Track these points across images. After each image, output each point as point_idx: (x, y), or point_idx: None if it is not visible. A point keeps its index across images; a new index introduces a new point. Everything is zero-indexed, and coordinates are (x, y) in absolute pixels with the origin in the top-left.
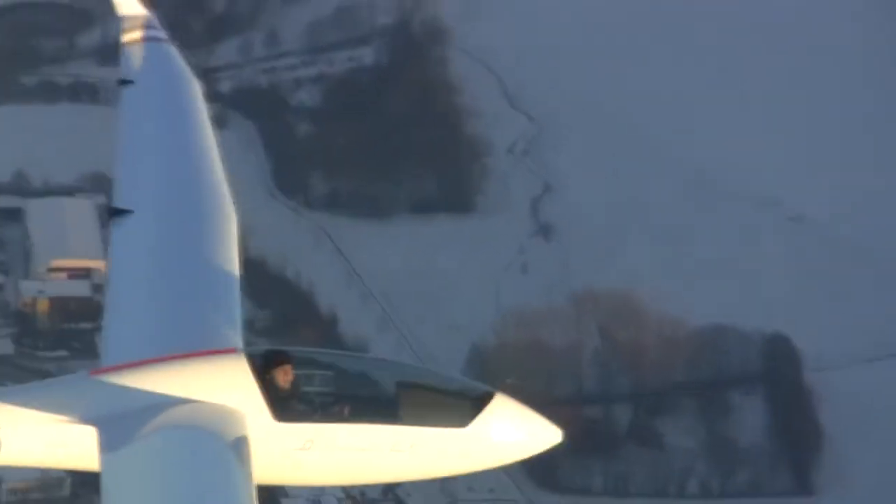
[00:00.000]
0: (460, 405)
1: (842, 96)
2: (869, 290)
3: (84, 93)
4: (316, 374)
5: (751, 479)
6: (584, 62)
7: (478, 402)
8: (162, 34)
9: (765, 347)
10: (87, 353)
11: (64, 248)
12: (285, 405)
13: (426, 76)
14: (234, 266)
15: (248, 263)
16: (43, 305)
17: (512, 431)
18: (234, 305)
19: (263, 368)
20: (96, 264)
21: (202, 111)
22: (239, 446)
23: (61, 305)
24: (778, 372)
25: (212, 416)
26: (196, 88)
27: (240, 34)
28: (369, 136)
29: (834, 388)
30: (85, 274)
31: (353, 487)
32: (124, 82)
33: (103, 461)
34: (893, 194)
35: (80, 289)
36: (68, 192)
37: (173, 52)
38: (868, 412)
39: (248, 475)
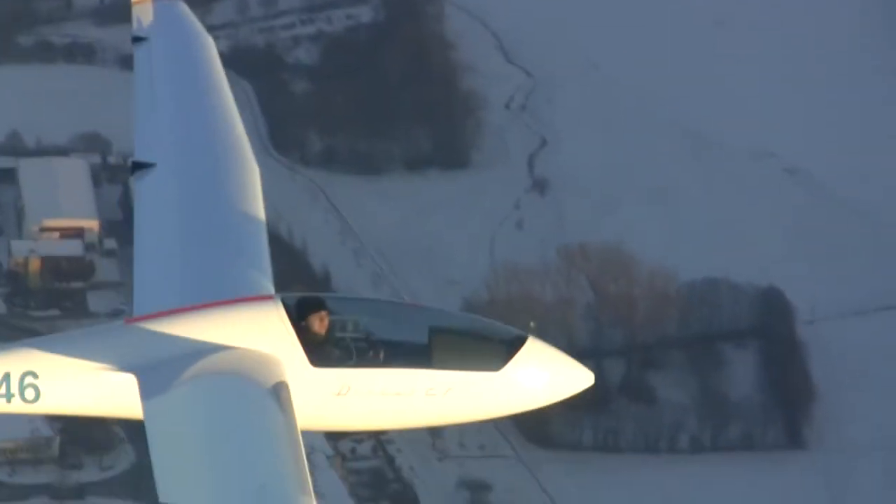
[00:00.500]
0: (493, 349)
1: (839, 49)
2: (862, 243)
3: (80, 54)
4: (350, 320)
5: (742, 433)
6: (580, 18)
7: (511, 346)
8: None
9: (757, 301)
10: (78, 313)
11: (56, 207)
12: (321, 351)
13: (422, 33)
14: (260, 215)
15: None
16: (35, 265)
17: (544, 374)
18: (263, 253)
19: (299, 315)
20: (89, 224)
21: (217, 66)
22: (279, 391)
23: (53, 265)
24: (770, 325)
25: (250, 362)
26: (210, 44)
27: None
28: (366, 94)
29: (826, 341)
30: (77, 233)
31: (354, 434)
32: (137, 39)
33: (146, 408)
34: (887, 146)
35: (73, 248)
36: (62, 152)
37: (184, 9)
38: (860, 365)
39: (292, 419)
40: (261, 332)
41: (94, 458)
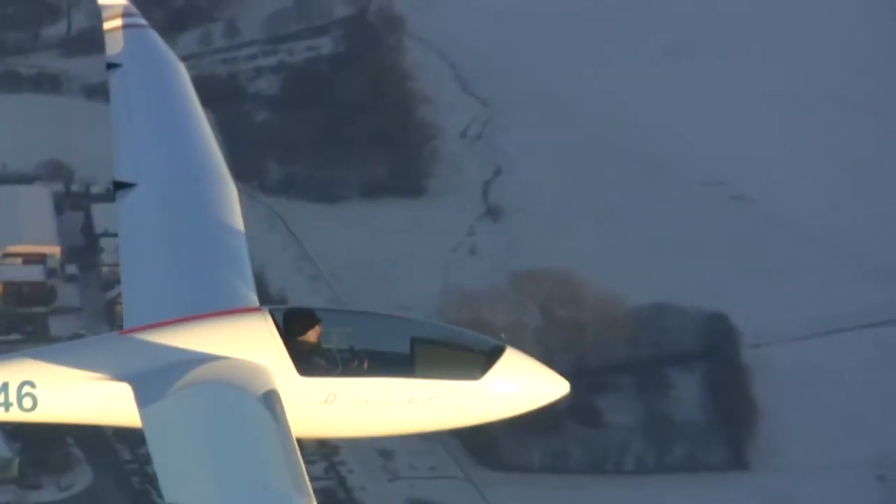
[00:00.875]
0: (474, 359)
1: (788, 78)
2: (807, 268)
3: (47, 83)
4: (335, 330)
5: (687, 455)
6: (536, 49)
7: (490, 356)
8: (142, 20)
9: (703, 325)
10: (40, 337)
11: (19, 234)
12: (308, 360)
13: (381, 64)
14: (240, 228)
15: None
16: None
17: (522, 383)
18: (245, 266)
19: (286, 326)
20: (51, 250)
21: (190, 89)
22: (272, 399)
23: (15, 290)
24: (716, 349)
25: (242, 371)
26: (182, 69)
27: (201, 25)
28: (325, 123)
29: (771, 364)
30: (40, 259)
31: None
32: (112, 66)
33: (143, 414)
34: (833, 173)
35: (35, 273)
36: (27, 179)
37: (154, 35)
38: (803, 387)
39: (286, 424)
40: (250, 343)
41: (52, 478)
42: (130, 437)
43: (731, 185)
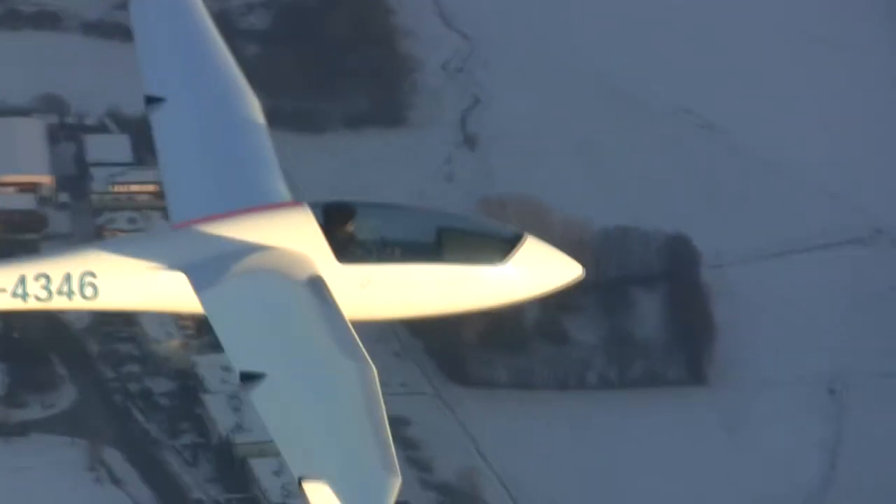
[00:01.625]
0: (497, 245)
1: (758, 15)
2: (766, 194)
3: (47, 20)
4: (370, 221)
5: (648, 371)
6: None
7: (511, 242)
8: None
9: (666, 247)
10: None
11: (14, 164)
12: (345, 249)
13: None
14: (266, 135)
15: None
16: None
17: (541, 267)
18: (275, 165)
19: (325, 218)
20: (44, 179)
21: (206, 14)
22: (318, 282)
23: (7, 217)
24: (677, 270)
25: (289, 259)
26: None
27: None
28: (311, 58)
29: (730, 284)
30: (32, 188)
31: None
32: None
33: (202, 297)
34: (797, 105)
35: (27, 202)
36: (24, 112)
37: None
38: (760, 307)
39: (334, 302)
40: (294, 234)
41: (37, 397)
42: (113, 357)
43: (699, 115)
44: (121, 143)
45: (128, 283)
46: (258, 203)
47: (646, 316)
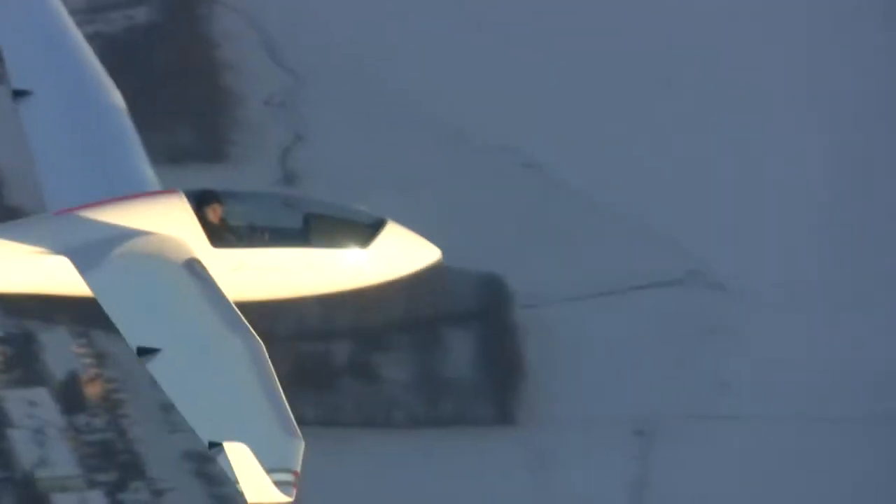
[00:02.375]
0: (361, 230)
1: (583, 49)
2: (586, 233)
3: None
4: (240, 208)
5: (456, 410)
6: (348, 20)
7: (374, 227)
8: None
9: (480, 285)
10: None
11: None
12: (218, 234)
13: (193, 33)
14: (130, 123)
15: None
16: None
17: (402, 251)
18: (143, 154)
19: (198, 205)
20: None
21: (64, 11)
22: (194, 263)
23: None
24: (490, 309)
25: (167, 243)
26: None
27: None
28: (135, 91)
29: (542, 324)
30: None
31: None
32: None
33: (88, 278)
34: (621, 143)
35: None
36: None
37: None
38: (571, 347)
39: (211, 278)
40: (171, 220)
41: None
42: None
43: (524, 153)
44: None
45: (14, 267)
46: (133, 190)
47: (457, 355)
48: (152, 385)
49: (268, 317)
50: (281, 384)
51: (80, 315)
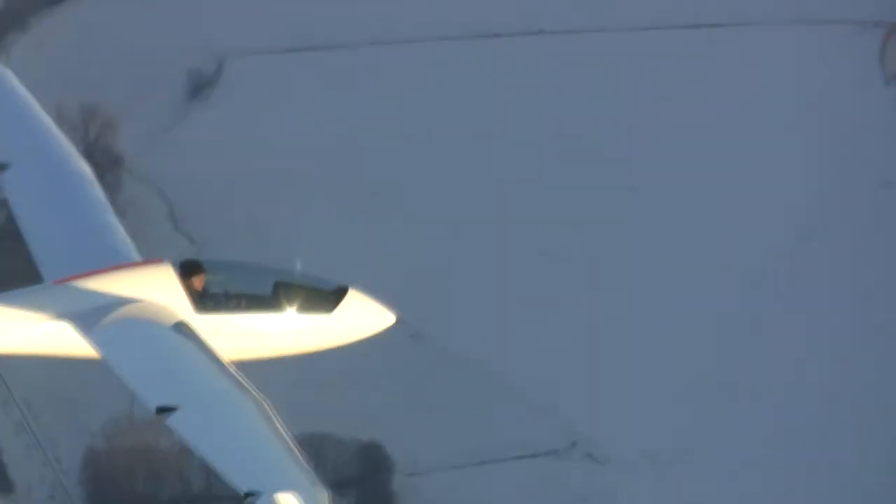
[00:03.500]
0: (326, 297)
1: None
2: (467, 402)
3: None
4: (219, 277)
5: None
6: (253, 190)
7: (338, 294)
8: None
9: (359, 453)
10: None
11: None
12: (200, 301)
13: None
14: (103, 193)
15: None
16: None
17: (362, 316)
18: (117, 222)
19: (183, 274)
20: None
21: (23, 89)
22: (185, 325)
23: None
24: (369, 477)
25: (158, 308)
26: (9, 75)
27: None
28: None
29: (422, 493)
30: None
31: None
32: None
33: (92, 339)
34: (505, 314)
35: None
36: None
37: None
38: None
39: (203, 338)
40: (160, 288)
41: None
42: None
43: (409, 324)
44: None
45: (19, 332)
46: (121, 259)
47: None
48: None
49: (153, 480)
50: None
51: None
